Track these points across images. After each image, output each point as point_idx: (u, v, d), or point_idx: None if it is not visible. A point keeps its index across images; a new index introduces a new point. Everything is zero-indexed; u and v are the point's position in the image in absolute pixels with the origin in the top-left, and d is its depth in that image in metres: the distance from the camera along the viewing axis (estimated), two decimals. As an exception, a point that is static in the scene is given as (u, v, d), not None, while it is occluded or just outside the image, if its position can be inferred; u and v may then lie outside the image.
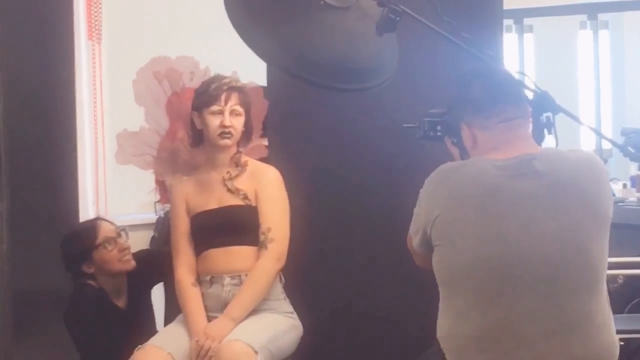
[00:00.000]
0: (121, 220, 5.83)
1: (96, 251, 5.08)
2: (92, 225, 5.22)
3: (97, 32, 6.68)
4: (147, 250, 5.81)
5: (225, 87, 4.47)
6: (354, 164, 4.64)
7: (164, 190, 6.01)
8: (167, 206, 5.70)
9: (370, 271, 4.57)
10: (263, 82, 5.31)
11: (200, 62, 6.09)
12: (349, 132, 4.63)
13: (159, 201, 6.16)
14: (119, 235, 5.10)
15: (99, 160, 6.78)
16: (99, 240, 5.08)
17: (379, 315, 4.62)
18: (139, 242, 6.20)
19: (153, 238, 6.47)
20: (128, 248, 5.15)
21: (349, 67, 3.81)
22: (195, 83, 6.13)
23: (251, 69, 5.32)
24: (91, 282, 5.14)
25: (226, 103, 4.43)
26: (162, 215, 6.05)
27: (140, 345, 4.50)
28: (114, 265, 5.11)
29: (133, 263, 5.13)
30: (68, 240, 5.18)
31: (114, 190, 6.68)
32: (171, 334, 4.48)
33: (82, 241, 5.17)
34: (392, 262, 4.33)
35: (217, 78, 4.66)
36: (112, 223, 5.29)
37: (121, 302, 5.14)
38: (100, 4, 6.64)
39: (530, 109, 3.24)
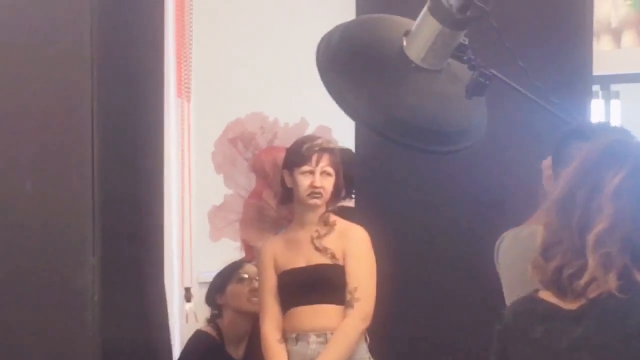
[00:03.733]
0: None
1: (230, 285, 5.32)
2: (236, 264, 5.42)
3: (186, 89, 6.70)
4: None
5: (317, 148, 4.49)
6: (440, 226, 4.59)
7: (249, 248, 6.14)
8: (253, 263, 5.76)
9: (454, 335, 4.49)
10: (335, 125, 5.41)
11: (268, 115, 6.33)
12: (437, 194, 4.58)
13: (244, 259, 6.14)
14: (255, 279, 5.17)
15: (185, 218, 6.80)
16: (235, 276, 5.31)
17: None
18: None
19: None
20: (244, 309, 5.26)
21: (438, 129, 3.79)
22: (266, 137, 6.33)
23: (318, 115, 5.49)
24: (210, 331, 5.31)
25: (317, 164, 4.45)
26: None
27: None
28: (242, 303, 5.27)
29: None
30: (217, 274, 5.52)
31: (200, 246, 6.67)
32: None
33: (221, 274, 5.48)
34: (476, 324, 4.29)
35: (310, 138, 4.69)
36: (241, 276, 5.39)
37: (239, 353, 5.22)
38: (191, 61, 6.70)
39: None
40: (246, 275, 5.30)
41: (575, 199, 2.21)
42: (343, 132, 5.16)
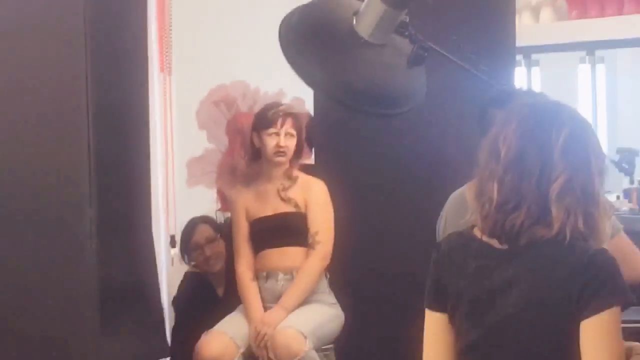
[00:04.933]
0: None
1: (192, 252, 5.32)
2: (189, 229, 5.41)
3: (167, 64, 6.61)
4: None
5: (281, 113, 4.52)
6: (388, 179, 4.62)
7: (224, 200, 6.14)
8: (227, 213, 5.69)
9: (401, 267, 4.47)
10: (308, 96, 5.28)
11: (250, 84, 6.34)
12: (384, 151, 4.60)
13: (219, 209, 6.17)
14: (209, 241, 5.22)
15: (168, 174, 6.65)
16: (192, 244, 5.31)
17: (412, 307, 4.63)
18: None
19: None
20: (214, 254, 5.24)
21: (385, 95, 3.81)
22: (247, 103, 6.35)
23: (295, 88, 5.40)
24: (198, 271, 5.31)
25: (282, 126, 4.47)
26: (223, 222, 6.00)
27: (207, 331, 4.55)
28: (202, 267, 5.30)
29: (218, 267, 5.23)
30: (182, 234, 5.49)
31: (181, 200, 6.60)
32: (233, 321, 4.51)
33: (182, 241, 5.48)
34: (421, 257, 4.34)
35: (275, 104, 4.70)
36: (210, 226, 5.40)
37: (220, 290, 5.18)
38: (171, 39, 6.59)
39: None
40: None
41: (528, 160, 2.21)
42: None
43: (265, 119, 4.53)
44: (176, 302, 5.52)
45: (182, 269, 5.71)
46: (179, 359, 5.06)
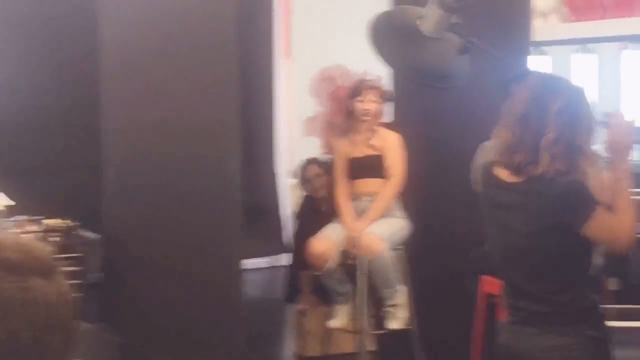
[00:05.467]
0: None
1: (305, 183, 5.25)
2: (303, 167, 5.36)
3: (289, 51, 6.56)
4: None
5: (367, 86, 4.48)
6: (444, 131, 4.50)
7: (327, 146, 6.14)
8: (329, 155, 5.48)
9: (452, 191, 4.34)
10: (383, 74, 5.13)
11: (346, 66, 6.38)
12: (440, 112, 4.51)
13: (324, 152, 6.11)
14: (316, 176, 5.14)
15: (291, 128, 6.74)
16: (305, 178, 5.24)
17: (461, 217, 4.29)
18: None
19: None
20: (320, 185, 5.13)
21: (441, 74, 3.77)
22: (343, 79, 6.34)
23: (376, 69, 5.35)
24: (309, 195, 5.26)
25: (367, 95, 4.42)
26: (326, 161, 5.65)
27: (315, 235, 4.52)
28: (311, 193, 5.25)
29: (323, 193, 5.11)
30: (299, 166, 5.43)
31: (299, 146, 6.63)
32: (333, 229, 4.49)
33: (298, 175, 5.37)
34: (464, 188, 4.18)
35: (363, 80, 4.64)
36: (317, 165, 5.27)
37: (323, 209, 5.08)
38: (291, 28, 6.54)
39: None
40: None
41: (530, 118, 2.24)
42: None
43: (356, 90, 4.48)
44: (295, 216, 5.51)
45: (299, 194, 5.68)
46: (298, 255, 5.06)
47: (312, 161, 5.35)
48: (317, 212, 5.08)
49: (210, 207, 4.09)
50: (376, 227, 4.34)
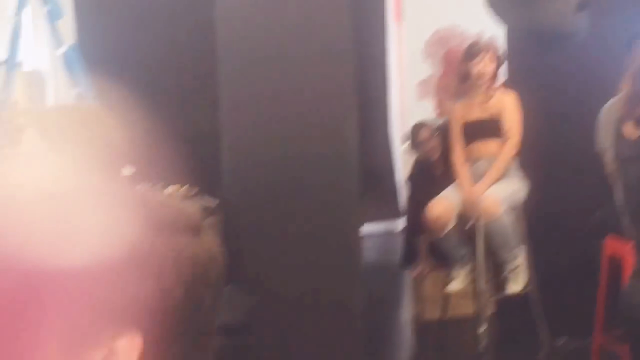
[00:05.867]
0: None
1: (417, 146, 5.20)
2: (415, 130, 5.26)
3: (400, 14, 6.57)
4: None
5: (482, 48, 4.44)
6: (561, 91, 4.43)
7: (440, 109, 6.26)
8: (441, 119, 5.67)
9: (567, 149, 4.34)
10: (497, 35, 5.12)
11: (460, 27, 6.28)
12: (557, 70, 4.42)
13: (437, 115, 6.14)
14: (428, 139, 5.07)
15: (403, 92, 6.74)
16: (417, 141, 5.19)
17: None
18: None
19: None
20: (433, 148, 5.08)
21: (559, 31, 3.78)
22: (456, 40, 6.25)
23: (491, 29, 5.15)
24: (425, 157, 5.19)
25: (482, 57, 4.40)
26: (439, 124, 5.73)
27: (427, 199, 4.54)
28: (424, 156, 5.19)
29: (436, 156, 5.09)
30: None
31: (412, 109, 6.62)
32: (452, 191, 4.50)
33: (411, 139, 5.29)
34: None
35: (478, 42, 4.60)
36: (429, 128, 5.21)
37: (437, 172, 5.08)
38: None
39: None
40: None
41: None
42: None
43: (471, 52, 4.45)
44: (408, 179, 5.54)
45: (412, 157, 5.67)
46: (412, 218, 5.12)
47: (422, 124, 5.37)
48: (429, 175, 5.12)
49: (328, 173, 4.15)
50: (494, 189, 4.33)
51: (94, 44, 5.09)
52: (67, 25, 4.66)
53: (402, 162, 6.43)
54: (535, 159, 4.48)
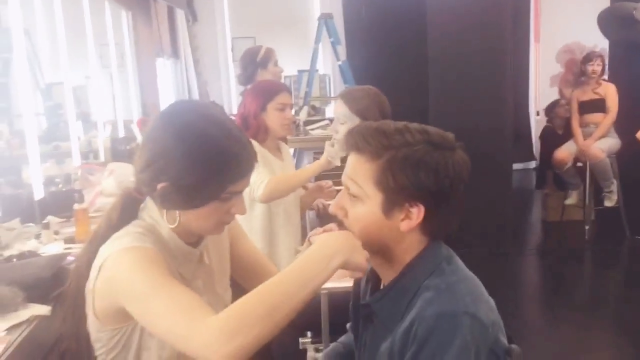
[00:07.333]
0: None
1: (548, 115, 4.98)
2: (550, 106, 5.08)
3: (537, 36, 6.52)
4: None
5: (596, 55, 4.54)
6: None
7: (562, 92, 6.25)
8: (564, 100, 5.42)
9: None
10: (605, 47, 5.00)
11: (581, 42, 6.15)
12: None
13: (562, 98, 5.88)
14: (557, 110, 4.89)
15: (537, 83, 6.65)
16: (550, 114, 5.00)
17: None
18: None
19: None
20: (559, 117, 4.90)
21: None
22: (579, 50, 6.12)
23: (602, 43, 5.16)
24: (550, 125, 4.94)
25: (595, 61, 4.50)
26: (563, 103, 5.39)
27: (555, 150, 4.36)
28: (552, 122, 4.97)
29: (561, 123, 4.85)
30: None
31: (545, 94, 6.44)
32: (570, 144, 4.54)
33: (545, 111, 5.13)
34: None
35: (593, 52, 4.65)
36: (558, 104, 5.01)
37: (559, 132, 4.80)
38: (540, 14, 6.37)
39: None
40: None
41: None
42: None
43: (588, 58, 4.50)
44: (540, 135, 5.50)
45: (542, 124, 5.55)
46: (543, 159, 5.11)
47: (556, 103, 5.33)
48: (554, 134, 5.01)
49: (494, 133, 4.12)
50: (598, 143, 4.40)
51: (357, 60, 5.60)
52: (342, 49, 5.14)
53: (536, 126, 6.46)
54: (625, 126, 4.42)
